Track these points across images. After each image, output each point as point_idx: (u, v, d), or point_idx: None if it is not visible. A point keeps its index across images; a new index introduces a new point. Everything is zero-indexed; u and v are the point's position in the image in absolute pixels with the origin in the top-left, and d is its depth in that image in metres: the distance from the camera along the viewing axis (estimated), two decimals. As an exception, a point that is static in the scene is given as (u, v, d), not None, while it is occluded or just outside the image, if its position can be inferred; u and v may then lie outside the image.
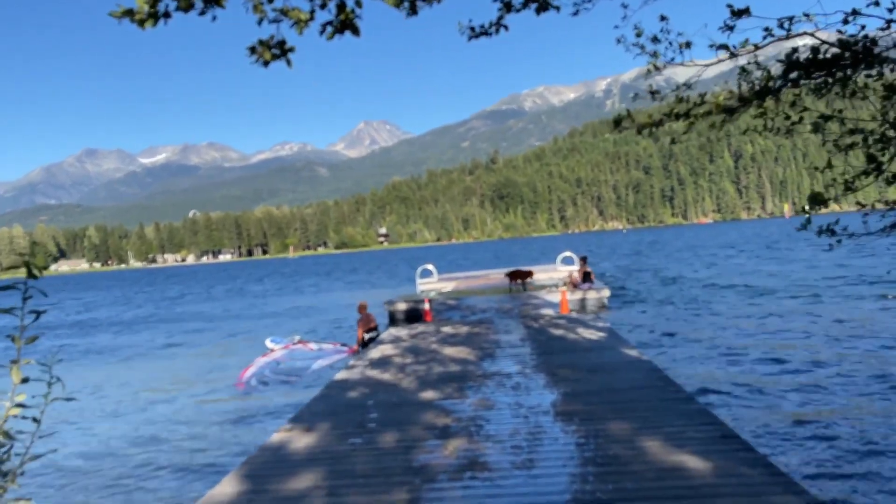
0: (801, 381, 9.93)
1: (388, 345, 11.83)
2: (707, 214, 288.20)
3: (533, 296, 22.11)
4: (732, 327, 15.54)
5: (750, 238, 73.87)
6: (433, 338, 12.24)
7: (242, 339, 21.49)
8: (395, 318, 23.29)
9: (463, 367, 9.32)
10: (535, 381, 8.08)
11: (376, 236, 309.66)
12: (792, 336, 13.73)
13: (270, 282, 62.90)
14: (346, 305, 30.51)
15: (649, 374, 7.98)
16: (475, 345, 11.12)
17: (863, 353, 11.57)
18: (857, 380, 9.76)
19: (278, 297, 40.71)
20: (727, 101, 6.93)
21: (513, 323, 13.91)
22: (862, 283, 22.54)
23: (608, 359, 9.09)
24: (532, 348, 10.44)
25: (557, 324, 13.03)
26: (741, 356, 12.02)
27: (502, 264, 55.21)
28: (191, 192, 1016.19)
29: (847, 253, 32.41)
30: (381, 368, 9.60)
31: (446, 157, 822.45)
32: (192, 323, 29.48)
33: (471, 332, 12.73)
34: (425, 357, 10.28)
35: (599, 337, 11.02)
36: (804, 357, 11.56)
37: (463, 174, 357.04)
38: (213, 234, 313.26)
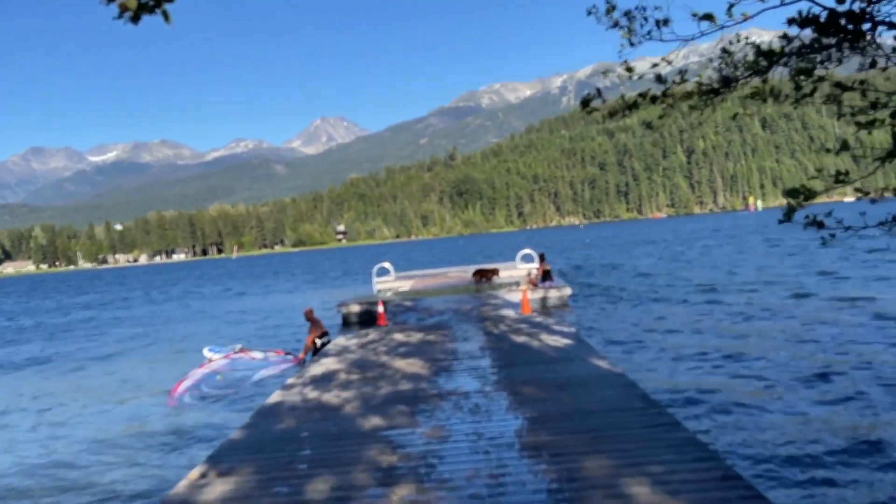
0: (768, 388, 9.14)
1: (334, 357, 10.67)
2: (661, 209, 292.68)
3: (493, 295, 21.19)
4: (697, 326, 14.81)
5: (729, 230, 74.52)
6: (384, 347, 11.13)
7: (179, 348, 19.97)
8: (348, 321, 22.15)
9: (415, 384, 8.25)
10: (496, 402, 7.05)
11: (334, 234, 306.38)
12: (756, 333, 13.04)
13: (218, 284, 60.75)
14: (294, 308, 29.13)
15: (625, 392, 7.02)
16: (430, 356, 10.05)
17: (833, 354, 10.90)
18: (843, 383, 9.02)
19: (222, 301, 38.97)
20: (708, 85, 5.95)
21: (472, 328, 12.89)
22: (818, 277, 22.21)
23: (578, 372, 8.12)
24: (493, 359, 9.42)
25: (519, 328, 12.05)
26: (708, 359, 11.24)
27: (462, 262, 54.28)
28: (143, 191, 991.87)
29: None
30: (322, 388, 8.45)
31: (404, 154, 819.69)
32: (125, 329, 27.67)
33: (426, 340, 11.66)
34: (374, 372, 9.17)
35: (565, 344, 10.06)
36: (764, 356, 10.83)
37: (421, 171, 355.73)
38: (166, 233, 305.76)
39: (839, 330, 13.03)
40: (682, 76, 6.00)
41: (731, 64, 5.79)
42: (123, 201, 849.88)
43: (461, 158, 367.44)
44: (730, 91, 6.15)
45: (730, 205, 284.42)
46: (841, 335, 12.48)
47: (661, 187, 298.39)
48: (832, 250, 31.02)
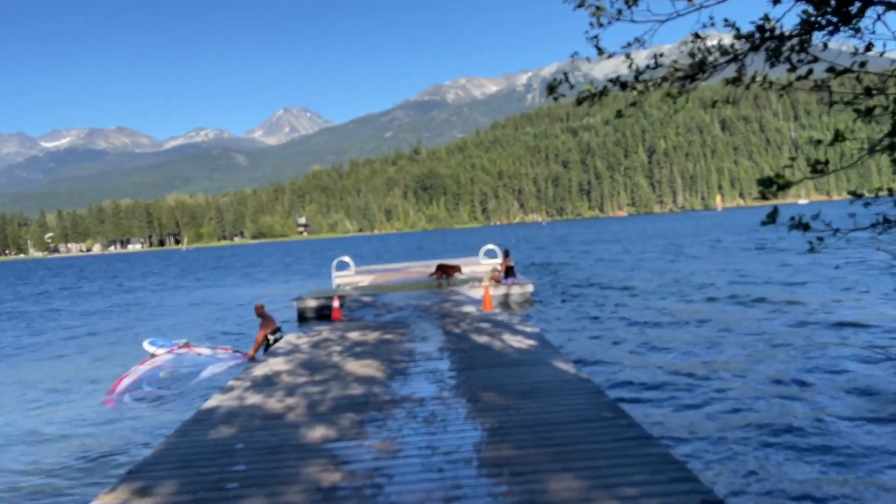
0: (733, 391, 8.77)
1: (282, 357, 9.96)
2: (622, 208, 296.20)
3: (455, 291, 20.68)
4: (660, 324, 14.48)
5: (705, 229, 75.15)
6: (337, 347, 10.46)
7: (122, 342, 18.93)
8: (304, 317, 21.43)
9: (367, 388, 7.62)
10: (454, 411, 6.48)
11: (296, 226, 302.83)
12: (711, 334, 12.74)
13: (168, 275, 59.04)
14: (246, 302, 28.17)
15: (592, 400, 6.51)
16: (385, 356, 9.43)
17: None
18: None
19: (173, 293, 37.69)
20: (682, 70, 5.42)
21: (430, 326, 12.30)
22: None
23: (541, 376, 7.59)
24: (451, 362, 8.84)
25: (481, 328, 11.50)
26: (672, 352, 10.88)
27: (425, 256, 53.67)
28: (98, 179, 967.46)
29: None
30: (265, 392, 7.76)
31: (369, 147, 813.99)
32: (65, 320, 26.37)
33: (382, 339, 11.03)
34: (323, 374, 8.50)
35: (528, 345, 9.54)
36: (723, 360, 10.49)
37: (386, 164, 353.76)
38: (121, 222, 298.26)
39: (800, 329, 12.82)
40: (656, 60, 5.46)
41: (705, 49, 5.26)
42: (77, 189, 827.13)
43: (426, 153, 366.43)
44: (704, 77, 5.61)
45: (689, 204, 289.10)
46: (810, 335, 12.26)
47: (623, 186, 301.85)
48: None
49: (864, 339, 11.81)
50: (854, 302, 16.25)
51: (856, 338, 11.92)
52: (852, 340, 11.68)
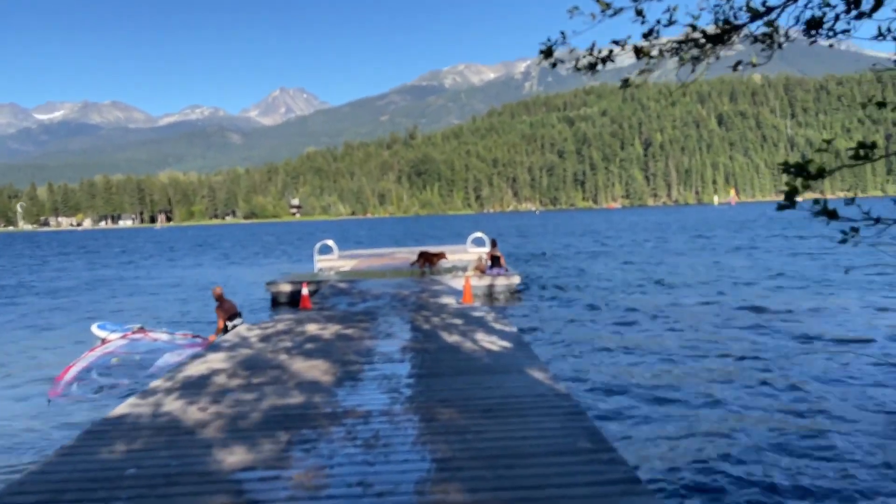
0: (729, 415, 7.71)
1: (223, 353, 8.80)
2: (616, 199, 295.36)
3: (436, 280, 19.60)
4: (656, 327, 13.42)
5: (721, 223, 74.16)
6: (289, 342, 9.32)
7: (81, 324, 17.66)
8: (278, 301, 20.41)
9: (307, 397, 6.49)
10: (402, 432, 5.37)
11: (288, 207, 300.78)
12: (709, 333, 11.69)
13: (143, 253, 57.65)
14: (224, 285, 27.03)
15: (569, 423, 5.40)
16: (340, 356, 8.31)
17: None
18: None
19: (148, 272, 36.39)
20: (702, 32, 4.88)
21: (400, 320, 11.19)
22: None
23: (512, 389, 6.48)
24: (412, 366, 7.72)
25: (454, 325, 10.38)
26: (664, 360, 9.82)
27: (414, 242, 52.56)
28: (91, 153, 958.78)
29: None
30: (188, 397, 6.63)
31: (364, 131, 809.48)
32: (26, 298, 25.06)
33: (343, 334, 9.90)
34: (262, 377, 7.36)
35: (503, 348, 8.42)
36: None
37: (381, 148, 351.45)
38: (112, 198, 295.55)
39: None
40: (671, 16, 4.65)
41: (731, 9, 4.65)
42: (70, 163, 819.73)
43: (421, 138, 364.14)
44: (727, 42, 4.83)
45: (682, 198, 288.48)
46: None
47: (618, 178, 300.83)
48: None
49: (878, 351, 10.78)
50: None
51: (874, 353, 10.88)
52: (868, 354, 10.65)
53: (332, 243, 29.20)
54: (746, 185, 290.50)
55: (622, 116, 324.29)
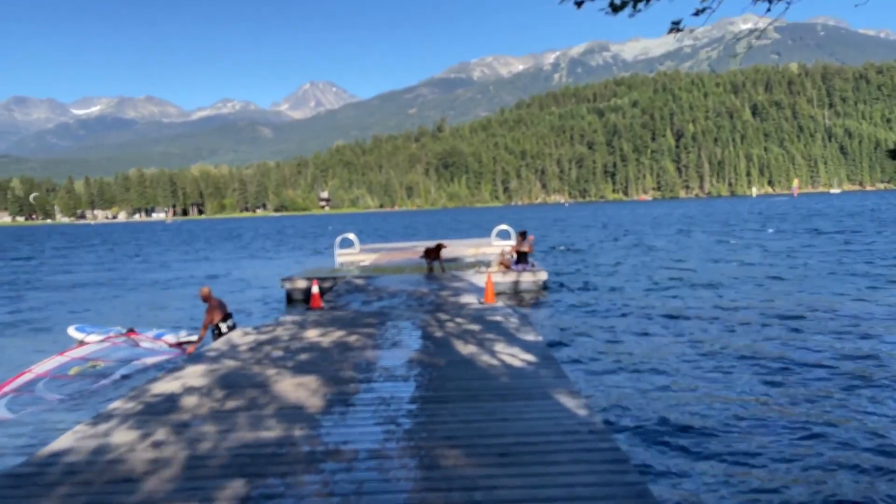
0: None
1: (204, 365, 7.65)
2: (647, 192, 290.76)
3: (457, 277, 18.38)
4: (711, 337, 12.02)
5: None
6: (281, 352, 8.16)
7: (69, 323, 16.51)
8: (292, 299, 19.39)
9: (286, 430, 5.31)
10: (393, 485, 4.13)
11: (317, 200, 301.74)
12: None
13: (165, 246, 57.24)
14: (237, 280, 26.13)
15: (610, 479, 4.12)
16: (335, 372, 7.12)
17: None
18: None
19: (162, 267, 35.70)
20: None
21: (411, 325, 10.00)
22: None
23: (535, 423, 5.23)
24: (418, 385, 6.52)
25: (471, 331, 9.16)
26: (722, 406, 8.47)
27: (440, 235, 51.42)
28: (127, 147, 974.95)
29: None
30: (146, 426, 5.47)
31: (392, 123, 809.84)
32: (37, 293, 24.29)
33: (344, 342, 8.73)
34: (239, 399, 6.19)
35: (525, 363, 7.17)
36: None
37: (409, 141, 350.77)
38: (146, 191, 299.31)
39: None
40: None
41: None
42: (106, 157, 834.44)
43: (449, 130, 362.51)
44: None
45: (715, 191, 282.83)
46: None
47: (649, 170, 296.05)
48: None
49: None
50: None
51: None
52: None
53: (353, 237, 28.14)
54: (782, 177, 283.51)
55: (653, 107, 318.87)
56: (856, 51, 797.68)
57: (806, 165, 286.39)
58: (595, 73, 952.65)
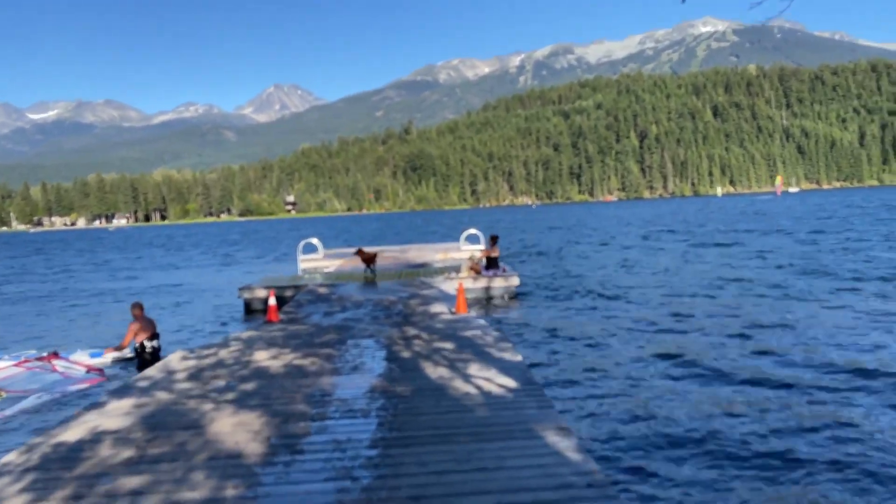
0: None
1: (126, 401, 6.49)
2: (612, 192, 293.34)
3: (426, 284, 17.42)
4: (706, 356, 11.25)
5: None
6: (224, 380, 7.03)
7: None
8: (251, 309, 18.23)
9: (214, 488, 4.26)
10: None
11: (283, 204, 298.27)
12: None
13: (118, 253, 55.34)
14: (186, 290, 24.78)
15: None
16: (285, 405, 6.08)
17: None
18: None
19: (111, 276, 34.16)
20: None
21: (376, 343, 9.00)
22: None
23: (521, 473, 4.25)
24: (380, 421, 5.52)
25: (442, 349, 8.21)
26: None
27: (408, 239, 50.44)
28: (85, 153, 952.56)
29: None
30: (37, 488, 4.39)
31: (359, 126, 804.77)
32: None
33: (298, 365, 7.69)
34: (160, 447, 5.08)
35: (504, 390, 6.22)
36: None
37: (376, 144, 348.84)
38: (106, 196, 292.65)
39: None
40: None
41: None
42: (64, 162, 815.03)
43: (416, 133, 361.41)
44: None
45: (679, 190, 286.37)
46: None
47: (613, 171, 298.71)
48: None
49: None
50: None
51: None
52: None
53: (316, 241, 26.97)
54: (742, 176, 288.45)
55: (617, 109, 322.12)
56: (812, 53, 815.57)
57: (765, 165, 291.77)
58: (560, 75, 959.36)
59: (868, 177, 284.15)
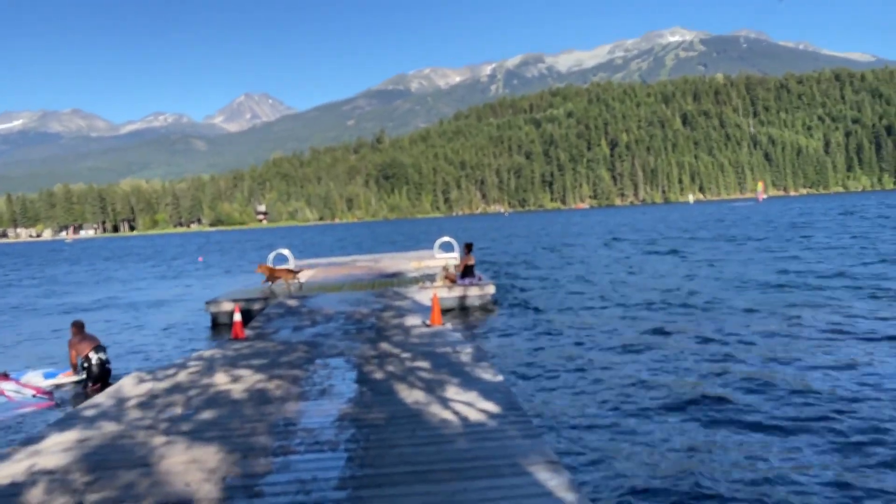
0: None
1: (69, 434, 5.82)
2: (584, 200, 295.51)
3: (400, 294, 16.90)
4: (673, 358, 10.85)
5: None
6: (180, 408, 6.43)
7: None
8: (218, 323, 17.54)
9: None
10: None
11: (255, 214, 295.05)
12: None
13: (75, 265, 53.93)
14: (167, 304, 23.93)
15: None
16: (244, 437, 5.48)
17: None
18: None
19: (65, 291, 33.07)
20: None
21: (345, 363, 8.41)
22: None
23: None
24: (351, 454, 4.95)
25: (418, 369, 7.68)
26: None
27: (381, 248, 49.80)
28: (52, 163, 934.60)
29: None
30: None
31: (331, 135, 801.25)
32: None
33: (262, 389, 7.09)
34: (102, 491, 4.47)
35: (486, 417, 5.70)
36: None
37: (348, 153, 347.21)
38: (73, 207, 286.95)
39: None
40: None
41: None
42: (30, 172, 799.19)
43: (389, 142, 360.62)
44: None
45: (649, 198, 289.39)
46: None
47: (585, 178, 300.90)
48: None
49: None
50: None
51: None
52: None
53: (287, 252, 26.26)
54: (711, 183, 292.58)
55: (588, 117, 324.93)
56: (776, 62, 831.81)
57: (734, 172, 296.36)
58: (531, 84, 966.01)
59: (834, 184, 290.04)
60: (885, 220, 49.11)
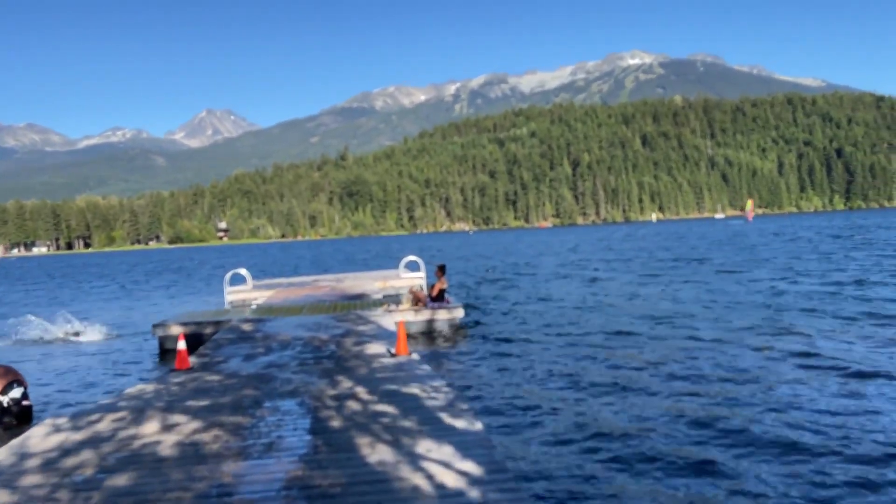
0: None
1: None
2: (547, 219, 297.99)
3: (364, 318, 15.77)
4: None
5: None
6: (94, 470, 5.25)
7: None
8: (166, 349, 16.23)
9: None
10: None
11: (215, 231, 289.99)
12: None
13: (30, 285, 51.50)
14: (114, 326, 22.32)
15: None
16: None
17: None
18: None
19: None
20: None
21: (298, 406, 7.27)
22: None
23: None
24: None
25: (383, 414, 6.60)
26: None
27: (345, 267, 48.48)
28: (4, 178, 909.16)
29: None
30: None
31: (295, 152, 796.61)
32: None
33: (196, 441, 5.94)
34: None
35: (465, 482, 4.64)
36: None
37: (311, 170, 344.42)
38: (25, 223, 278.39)
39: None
40: None
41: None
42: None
43: (353, 159, 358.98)
44: None
45: (611, 217, 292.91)
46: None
47: (548, 197, 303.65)
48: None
49: None
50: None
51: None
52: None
53: (245, 272, 24.91)
54: (671, 203, 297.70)
55: (551, 137, 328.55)
56: (732, 85, 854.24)
57: (692, 192, 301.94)
58: (494, 104, 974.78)
59: (787, 204, 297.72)
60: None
